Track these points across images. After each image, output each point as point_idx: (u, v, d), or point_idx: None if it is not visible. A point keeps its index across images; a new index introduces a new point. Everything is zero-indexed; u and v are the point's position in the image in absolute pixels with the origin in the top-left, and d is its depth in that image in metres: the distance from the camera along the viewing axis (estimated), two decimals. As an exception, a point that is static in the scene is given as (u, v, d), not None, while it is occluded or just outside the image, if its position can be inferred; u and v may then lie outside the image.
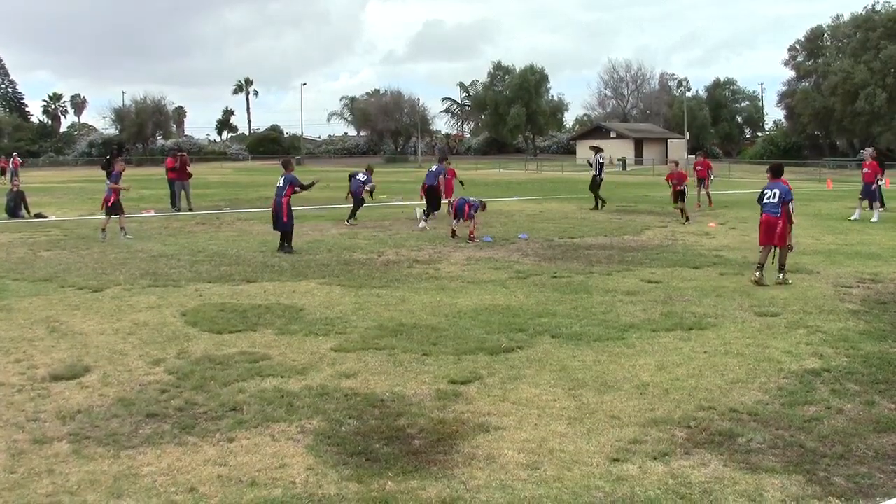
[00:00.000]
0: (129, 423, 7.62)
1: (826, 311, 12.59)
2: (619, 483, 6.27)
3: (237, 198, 39.91)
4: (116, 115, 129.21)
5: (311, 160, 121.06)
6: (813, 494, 6.08)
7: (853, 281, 15.27)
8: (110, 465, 6.62)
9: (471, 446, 7.04)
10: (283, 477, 6.40)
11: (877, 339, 10.79)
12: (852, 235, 22.13)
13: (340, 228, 24.89)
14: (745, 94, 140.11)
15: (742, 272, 16.20)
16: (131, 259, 17.96)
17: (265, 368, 9.37)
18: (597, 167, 32.95)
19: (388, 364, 9.57)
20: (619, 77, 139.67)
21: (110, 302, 13.18)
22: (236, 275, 15.83)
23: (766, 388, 8.68)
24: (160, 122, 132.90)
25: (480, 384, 8.82)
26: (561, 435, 7.31)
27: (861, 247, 19.77)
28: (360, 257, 18.38)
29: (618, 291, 14.11)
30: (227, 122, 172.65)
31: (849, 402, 8.23)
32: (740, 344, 10.53)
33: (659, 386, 8.75)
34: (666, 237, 22.70)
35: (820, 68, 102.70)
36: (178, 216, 29.72)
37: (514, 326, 11.41)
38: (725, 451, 6.95)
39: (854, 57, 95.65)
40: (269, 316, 12.12)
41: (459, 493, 6.10)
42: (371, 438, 7.20)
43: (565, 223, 26.57)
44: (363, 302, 13.15)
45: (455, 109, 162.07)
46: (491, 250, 19.77)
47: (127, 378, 9.04)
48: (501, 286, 14.60)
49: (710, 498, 6.02)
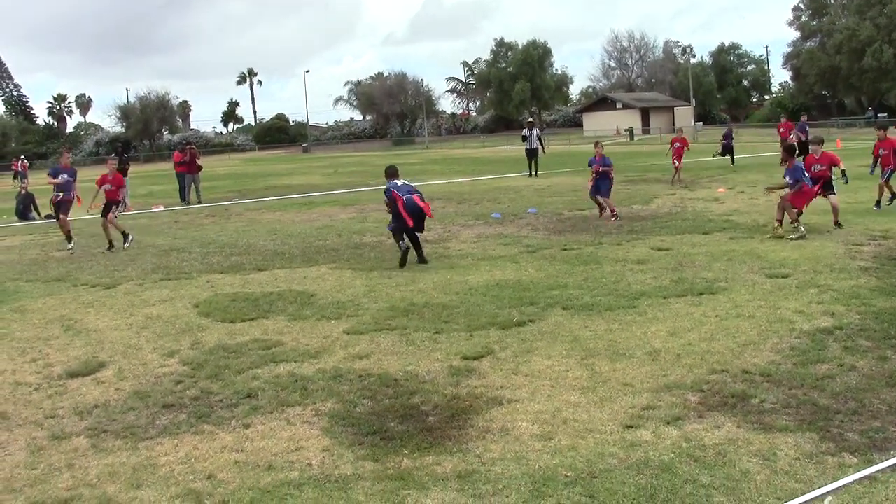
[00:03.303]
0: (145, 415, 7.68)
1: (837, 269, 12.57)
2: (633, 449, 6.30)
3: (246, 188, 39.95)
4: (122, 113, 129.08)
5: (317, 147, 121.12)
6: (827, 451, 6.10)
7: (864, 239, 15.24)
8: (129, 457, 6.67)
9: (485, 420, 7.08)
10: (300, 459, 6.45)
11: (888, 295, 10.77)
12: (862, 193, 22.03)
13: (350, 213, 24.87)
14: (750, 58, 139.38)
15: (752, 235, 16.19)
16: (142, 255, 18.02)
17: (278, 354, 9.42)
18: (535, 140, 36.65)
19: (401, 344, 9.60)
20: (623, 47, 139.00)
21: (123, 298, 13.25)
22: (247, 264, 15.88)
23: (778, 349, 8.69)
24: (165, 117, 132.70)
25: (493, 359, 8.85)
26: (574, 404, 7.34)
27: (871, 204, 19.70)
28: (369, 240, 18.41)
29: (628, 260, 14.12)
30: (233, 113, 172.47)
31: (861, 359, 8.23)
32: (752, 306, 10.53)
33: (671, 351, 8.76)
34: (675, 205, 22.66)
35: (825, 27, 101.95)
36: (187, 209, 29.80)
37: (526, 300, 11.44)
38: (738, 412, 6.97)
39: (859, 13, 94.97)
40: (281, 303, 12.16)
41: (475, 466, 6.14)
42: (385, 418, 7.25)
43: (574, 196, 26.53)
44: (374, 284, 13.19)
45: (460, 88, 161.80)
46: (500, 226, 19.78)
47: (142, 371, 9.10)
48: (511, 261, 14.62)
49: (724, 459, 6.04)
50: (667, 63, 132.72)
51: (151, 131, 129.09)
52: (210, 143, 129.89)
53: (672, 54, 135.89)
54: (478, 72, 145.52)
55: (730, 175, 31.09)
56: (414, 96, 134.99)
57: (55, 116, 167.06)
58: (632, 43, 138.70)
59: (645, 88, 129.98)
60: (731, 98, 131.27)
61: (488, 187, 32.39)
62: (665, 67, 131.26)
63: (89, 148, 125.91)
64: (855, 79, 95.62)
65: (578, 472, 5.96)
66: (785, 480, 5.68)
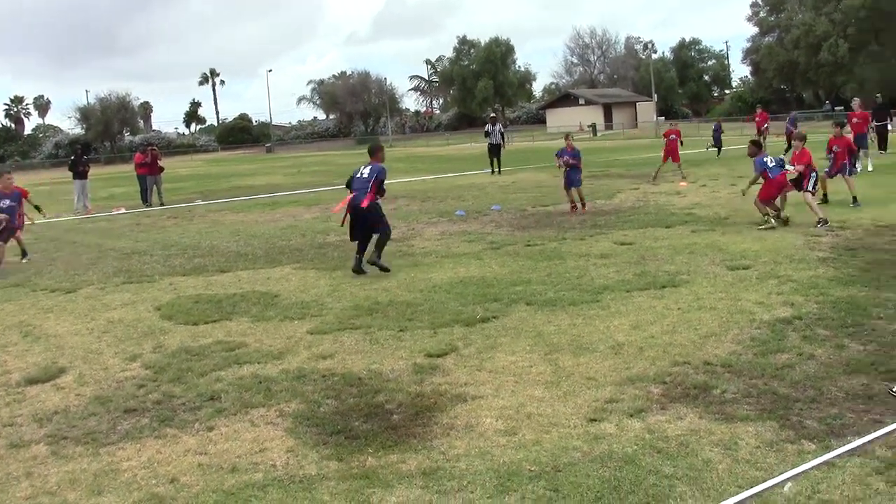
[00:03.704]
0: (106, 421, 7.61)
1: (796, 260, 12.70)
2: (597, 442, 6.33)
3: (209, 189, 39.72)
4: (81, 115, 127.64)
5: (281, 147, 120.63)
6: (786, 439, 6.17)
7: (822, 230, 15.39)
8: (89, 464, 6.61)
9: (449, 417, 7.08)
10: (264, 461, 6.42)
11: (845, 285, 10.90)
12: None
13: (314, 213, 24.79)
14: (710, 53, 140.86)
15: (713, 228, 16.33)
16: (103, 258, 17.87)
17: (242, 356, 9.37)
18: (497, 136, 36.70)
19: (365, 343, 9.59)
20: (585, 44, 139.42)
21: (84, 302, 13.13)
22: (210, 266, 15.80)
23: (739, 340, 8.77)
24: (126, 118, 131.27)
25: (457, 356, 8.86)
26: (538, 399, 7.36)
27: (830, 195, 19.84)
28: (333, 240, 18.37)
29: (591, 255, 14.18)
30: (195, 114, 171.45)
31: (819, 348, 8.33)
32: (713, 298, 10.61)
33: (634, 345, 8.81)
34: (638, 199, 22.79)
35: (782, 23, 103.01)
36: (149, 212, 29.57)
37: (489, 297, 11.46)
38: (700, 403, 7.02)
39: (815, 9, 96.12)
40: (244, 304, 12.11)
41: (439, 463, 6.15)
42: (350, 417, 7.23)
43: (538, 192, 26.62)
44: (338, 283, 13.16)
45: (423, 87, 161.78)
46: (464, 224, 19.81)
47: (103, 376, 9.01)
48: (475, 258, 14.64)
49: (686, 450, 6.09)
50: (629, 59, 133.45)
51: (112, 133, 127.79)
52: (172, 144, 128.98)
53: (634, 50, 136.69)
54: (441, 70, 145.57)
55: (691, 169, 31.23)
56: (377, 95, 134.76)
57: (12, 118, 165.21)
58: (594, 39, 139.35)
59: (607, 84, 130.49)
60: (692, 93, 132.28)
61: (452, 185, 32.41)
62: (627, 63, 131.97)
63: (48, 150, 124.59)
64: (812, 73, 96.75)
65: (542, 466, 5.98)
66: (746, 469, 5.73)
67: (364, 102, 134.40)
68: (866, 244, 13.73)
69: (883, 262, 12.27)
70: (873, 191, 20.92)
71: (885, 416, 6.53)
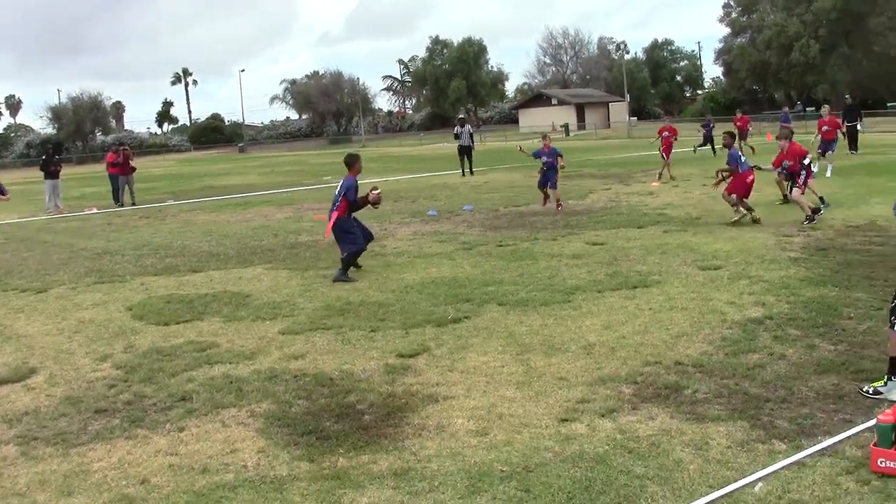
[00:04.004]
0: (77, 421, 7.56)
1: (768, 260, 12.78)
2: (568, 442, 6.35)
3: (181, 189, 39.56)
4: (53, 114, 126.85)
5: (253, 146, 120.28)
6: (757, 438, 6.20)
7: (794, 230, 15.51)
8: (60, 464, 6.57)
9: (421, 417, 7.08)
10: (235, 462, 6.40)
11: (816, 285, 10.97)
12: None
13: (286, 213, 24.73)
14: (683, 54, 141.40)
15: (685, 228, 16.40)
16: (75, 258, 17.76)
17: (213, 356, 9.34)
18: (467, 138, 35.84)
19: (336, 343, 9.57)
20: (558, 44, 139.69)
21: (55, 302, 13.05)
22: (182, 266, 15.73)
23: (710, 340, 8.81)
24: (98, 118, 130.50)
25: (429, 356, 8.86)
26: (510, 400, 7.37)
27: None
28: (305, 240, 18.34)
29: (563, 255, 14.21)
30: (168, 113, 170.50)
31: (790, 348, 8.38)
32: (684, 298, 10.66)
33: (605, 345, 8.84)
34: (610, 199, 22.87)
35: (754, 23, 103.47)
36: (121, 211, 29.42)
37: (461, 297, 11.46)
38: (672, 403, 7.05)
39: (786, 10, 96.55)
40: (216, 304, 12.07)
41: (410, 463, 6.15)
42: (321, 417, 7.22)
43: (510, 192, 26.66)
44: (310, 284, 13.14)
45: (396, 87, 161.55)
46: (436, 224, 19.81)
47: (74, 376, 8.96)
48: (448, 258, 14.64)
49: (657, 450, 6.11)
50: (601, 59, 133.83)
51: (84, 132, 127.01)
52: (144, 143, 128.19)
53: (606, 51, 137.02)
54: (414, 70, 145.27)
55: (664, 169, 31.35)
56: (350, 95, 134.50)
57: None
58: (566, 40, 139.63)
59: (580, 85, 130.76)
60: (664, 93, 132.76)
61: (425, 185, 32.40)
62: (600, 64, 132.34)
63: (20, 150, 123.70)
64: (784, 73, 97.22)
65: (514, 466, 5.99)
66: (717, 469, 5.76)
67: (337, 102, 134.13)
68: (837, 244, 13.82)
69: (853, 262, 12.36)
70: (844, 191, 21.11)
71: (855, 415, 6.58)
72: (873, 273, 11.51)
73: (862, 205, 18.50)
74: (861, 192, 20.93)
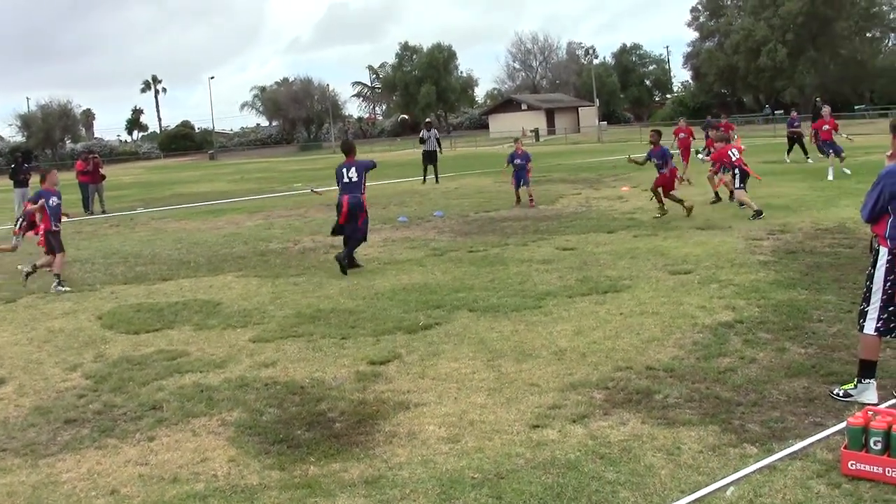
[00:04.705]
0: (46, 432, 7.51)
1: (738, 264, 12.84)
2: (540, 448, 6.35)
3: (151, 197, 39.35)
4: (22, 122, 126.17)
5: (224, 153, 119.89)
6: (729, 442, 6.23)
7: (763, 233, 15.59)
8: (28, 476, 6.52)
9: (392, 425, 7.07)
10: (205, 471, 6.37)
11: (786, 288, 11.04)
12: (762, 189, 22.50)
13: (257, 220, 24.65)
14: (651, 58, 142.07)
15: (656, 233, 16.46)
16: (43, 266, 17.60)
17: (184, 365, 9.29)
18: (433, 142, 34.82)
19: (307, 350, 9.55)
20: (527, 49, 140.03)
21: (24, 311, 12.95)
22: (152, 274, 15.65)
23: (681, 344, 8.84)
24: (68, 126, 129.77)
25: (400, 363, 8.85)
26: (481, 406, 7.37)
27: (771, 199, 20.12)
28: (276, 247, 18.29)
29: (533, 261, 14.23)
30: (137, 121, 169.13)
31: (761, 351, 8.43)
32: (655, 303, 10.70)
33: (576, 350, 8.85)
34: (580, 204, 22.94)
35: (722, 27, 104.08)
36: (90, 220, 29.22)
37: (432, 303, 11.46)
38: (643, 408, 7.07)
39: (754, 14, 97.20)
40: (186, 312, 12.01)
41: (382, 471, 6.13)
42: (292, 425, 7.20)
43: (480, 198, 26.68)
44: (280, 291, 13.10)
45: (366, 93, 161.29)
46: (407, 230, 19.80)
47: (43, 386, 8.90)
48: (418, 264, 14.63)
49: (629, 455, 6.12)
50: (570, 64, 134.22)
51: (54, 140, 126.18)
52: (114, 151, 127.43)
53: (575, 55, 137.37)
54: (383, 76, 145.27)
55: (633, 174, 31.44)
56: (320, 101, 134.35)
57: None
58: (535, 45, 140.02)
59: (549, 89, 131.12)
60: (634, 97, 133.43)
61: (395, 191, 32.35)
62: (569, 68, 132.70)
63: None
64: (752, 77, 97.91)
65: (485, 473, 5.98)
66: (689, 473, 5.77)
67: (307, 109, 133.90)
68: (806, 247, 13.90)
69: (823, 265, 12.44)
70: (813, 194, 21.27)
71: (825, 418, 6.62)
72: (842, 276, 11.59)
73: (831, 207, 18.63)
74: (830, 194, 21.07)
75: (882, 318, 6.90)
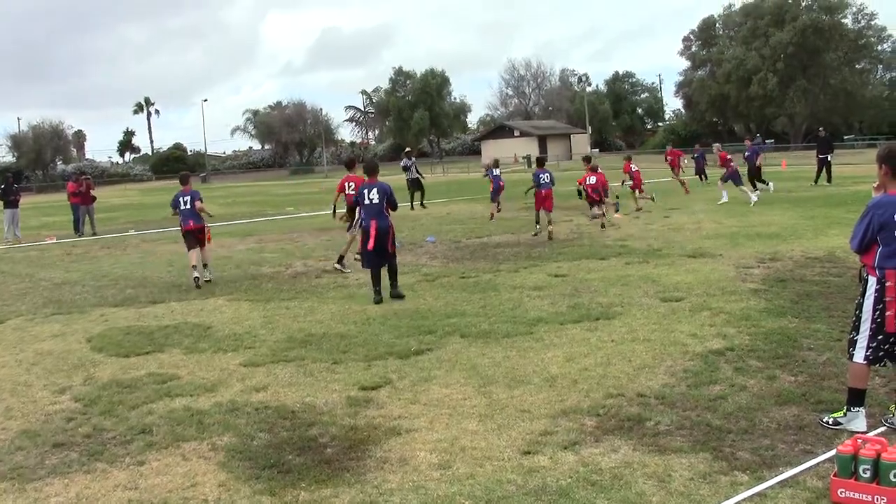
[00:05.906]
0: (34, 455, 7.47)
1: (728, 292, 12.86)
2: (531, 475, 6.34)
3: (142, 219, 39.34)
4: (13, 143, 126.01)
5: (216, 177, 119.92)
6: (720, 470, 6.22)
7: (754, 261, 15.62)
8: (15, 500, 6.49)
9: (383, 450, 7.05)
10: (195, 496, 6.34)
11: (777, 316, 11.06)
12: (753, 217, 22.62)
13: (249, 244, 24.62)
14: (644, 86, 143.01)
15: (647, 260, 16.48)
16: (33, 288, 17.61)
17: (174, 388, 9.27)
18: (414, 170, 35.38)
19: (298, 375, 9.53)
20: (520, 75, 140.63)
21: (12, 333, 12.92)
22: (142, 297, 15.63)
23: (672, 372, 8.84)
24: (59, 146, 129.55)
25: (391, 388, 8.84)
26: (472, 432, 7.36)
27: (761, 228, 20.22)
28: (267, 271, 18.29)
29: (525, 287, 14.24)
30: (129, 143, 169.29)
31: (752, 379, 8.44)
32: (646, 330, 10.70)
33: (568, 377, 8.85)
34: (572, 231, 22.99)
35: (714, 57, 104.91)
36: (81, 241, 29.19)
37: (424, 329, 11.45)
38: (634, 435, 7.07)
39: (745, 44, 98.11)
40: (176, 336, 11.99)
41: (373, 497, 6.11)
42: (283, 450, 7.17)
43: (472, 223, 26.74)
44: (272, 315, 13.08)
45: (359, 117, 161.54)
46: (399, 255, 19.73)
47: (31, 409, 8.87)
48: (410, 290, 14.61)
49: (620, 482, 6.11)
50: (563, 91, 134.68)
51: (45, 161, 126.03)
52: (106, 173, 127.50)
53: (568, 82, 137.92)
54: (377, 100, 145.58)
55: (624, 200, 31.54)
56: (313, 125, 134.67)
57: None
58: (529, 71, 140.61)
59: (542, 116, 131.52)
60: (626, 125, 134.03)
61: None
62: (562, 95, 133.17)
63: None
64: (743, 106, 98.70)
65: (477, 499, 5.97)
66: (679, 501, 5.77)
67: (299, 133, 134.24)
68: (796, 276, 13.93)
69: (812, 293, 12.47)
70: (803, 223, 21.31)
71: (815, 446, 6.63)
72: (832, 304, 11.62)
73: (821, 236, 18.68)
74: (820, 223, 21.13)
75: (871, 346, 6.94)
